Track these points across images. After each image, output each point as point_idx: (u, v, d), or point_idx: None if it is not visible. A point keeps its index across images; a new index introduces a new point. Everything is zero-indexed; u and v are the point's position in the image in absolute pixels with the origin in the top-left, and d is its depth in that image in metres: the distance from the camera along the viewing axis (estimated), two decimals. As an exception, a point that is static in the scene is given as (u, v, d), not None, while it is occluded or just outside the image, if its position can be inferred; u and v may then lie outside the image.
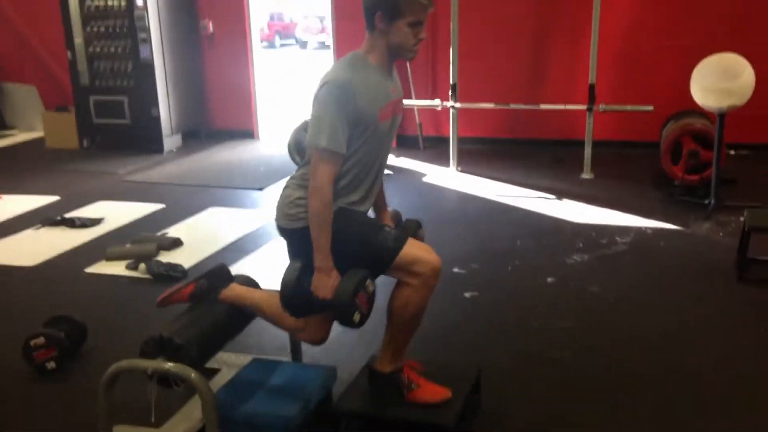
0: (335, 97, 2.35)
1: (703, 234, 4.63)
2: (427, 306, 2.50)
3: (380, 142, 2.52)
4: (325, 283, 2.40)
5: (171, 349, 2.53)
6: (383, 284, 2.50)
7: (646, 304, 3.70)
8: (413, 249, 2.44)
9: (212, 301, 2.78)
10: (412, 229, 2.82)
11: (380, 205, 2.83)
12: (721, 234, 4.59)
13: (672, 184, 5.39)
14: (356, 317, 2.38)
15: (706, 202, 4.98)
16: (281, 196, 2.58)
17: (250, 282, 2.99)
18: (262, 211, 5.41)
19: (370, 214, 2.69)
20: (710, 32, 6.29)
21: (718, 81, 4.80)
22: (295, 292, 2.44)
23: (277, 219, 2.59)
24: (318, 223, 2.39)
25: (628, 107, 6.14)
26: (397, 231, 2.51)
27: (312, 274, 2.43)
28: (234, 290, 2.79)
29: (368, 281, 2.41)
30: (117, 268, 4.29)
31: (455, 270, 4.10)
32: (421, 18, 2.42)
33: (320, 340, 2.69)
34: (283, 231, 2.58)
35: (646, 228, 4.75)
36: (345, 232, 2.44)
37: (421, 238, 2.81)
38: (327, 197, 2.38)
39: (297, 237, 2.50)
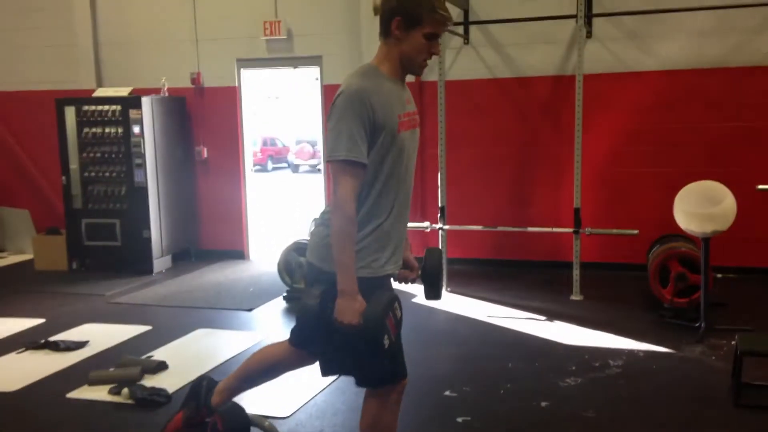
0: (350, 105, 2.29)
1: (696, 357, 4.59)
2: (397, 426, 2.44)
3: (403, 158, 2.42)
4: (351, 307, 2.24)
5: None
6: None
7: (642, 430, 3.61)
8: None
9: (210, 414, 2.68)
10: (435, 258, 2.71)
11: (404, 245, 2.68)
12: (713, 358, 4.56)
13: (662, 307, 5.40)
14: (386, 341, 2.20)
15: (697, 325, 4.98)
16: (315, 233, 2.47)
17: (235, 409, 2.90)
18: (250, 332, 5.34)
19: None
20: (691, 160, 6.52)
21: (700, 207, 4.92)
22: (317, 320, 2.29)
23: (312, 257, 2.46)
24: (341, 240, 2.27)
25: (614, 231, 6.26)
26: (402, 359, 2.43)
27: (334, 301, 2.28)
28: (220, 387, 2.71)
29: (396, 304, 2.27)
30: (100, 393, 4.17)
31: (447, 393, 4.02)
32: (438, 31, 2.41)
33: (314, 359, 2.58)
34: (316, 270, 2.43)
35: (638, 351, 4.71)
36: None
37: (440, 271, 2.71)
38: (350, 211, 2.28)
39: (332, 278, 2.33)
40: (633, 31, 6.64)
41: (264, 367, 2.69)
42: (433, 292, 2.70)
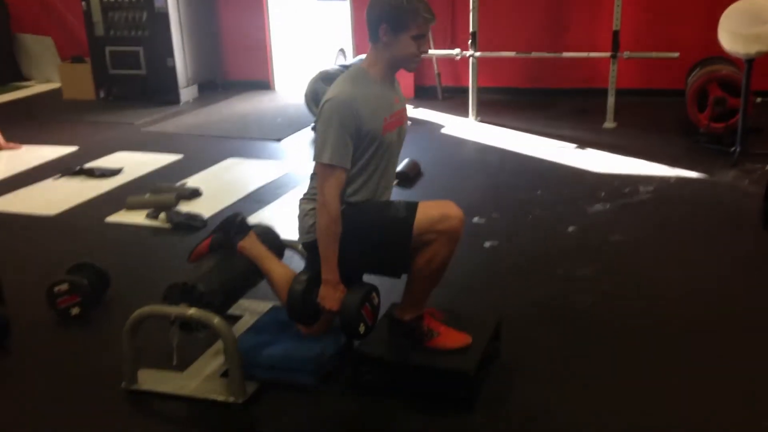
0: (337, 113, 2.38)
1: (728, 182, 4.55)
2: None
3: (388, 155, 2.55)
4: (332, 295, 2.46)
5: (194, 296, 2.55)
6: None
7: (669, 252, 3.66)
8: (432, 209, 2.44)
9: (231, 251, 2.79)
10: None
11: None
12: (746, 182, 4.51)
13: (697, 132, 5.29)
14: (361, 329, 2.45)
15: (732, 150, 4.88)
16: (299, 211, 2.63)
17: (269, 232, 2.99)
18: (280, 162, 5.39)
19: None
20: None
21: (747, 26, 4.66)
22: (303, 303, 2.50)
23: (299, 237, 2.64)
24: (326, 238, 2.43)
25: (653, 54, 5.99)
26: (405, 201, 2.51)
27: (319, 285, 2.48)
28: (254, 247, 2.81)
29: (373, 294, 2.50)
30: (137, 218, 4.30)
31: (475, 220, 4.07)
32: (424, 31, 2.45)
33: (320, 332, 2.70)
34: (303, 245, 2.66)
35: (669, 177, 4.68)
36: (358, 227, 2.47)
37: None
38: (334, 212, 2.42)
39: (312, 249, 2.53)
40: None
41: (275, 285, 2.75)
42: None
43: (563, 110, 6.54)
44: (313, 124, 6.07)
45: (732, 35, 4.70)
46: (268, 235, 2.94)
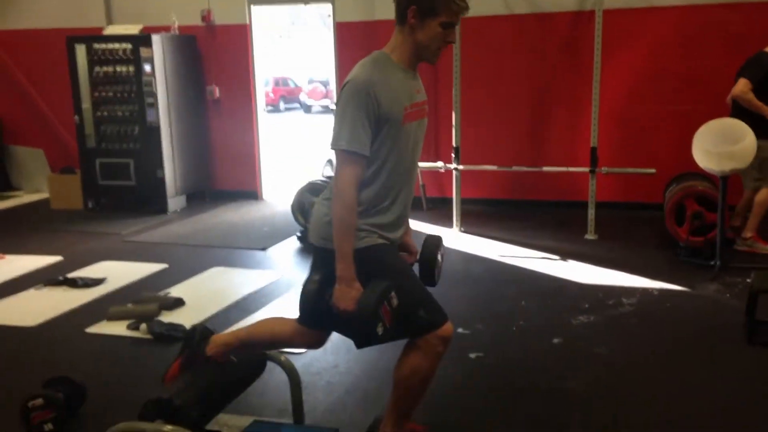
0: (355, 96, 2.29)
1: (710, 295, 4.59)
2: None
3: (408, 148, 2.43)
4: (347, 294, 2.29)
5: (170, 411, 2.49)
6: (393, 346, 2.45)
7: (653, 366, 3.64)
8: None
9: (204, 363, 2.73)
10: (432, 246, 2.75)
11: (405, 228, 2.70)
12: (727, 295, 4.56)
13: (677, 246, 5.38)
14: (380, 329, 2.26)
15: (712, 263, 4.96)
16: (317, 213, 2.49)
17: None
18: (265, 271, 5.39)
19: None
20: (711, 98, 6.36)
21: (719, 145, 4.84)
22: (316, 304, 2.34)
23: (312, 237, 2.49)
24: (341, 228, 2.31)
25: (630, 170, 6.19)
26: (437, 305, 2.44)
27: (333, 286, 2.33)
28: (218, 340, 2.73)
29: (392, 293, 2.30)
30: (118, 328, 4.24)
31: (460, 330, 4.05)
32: (455, 20, 2.37)
33: (319, 344, 2.63)
34: (319, 250, 2.47)
35: (652, 289, 4.72)
36: (384, 278, 2.33)
37: (441, 256, 2.75)
38: (350, 201, 2.31)
39: (332, 258, 2.36)
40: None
41: (270, 338, 2.70)
42: (428, 279, 2.75)
43: (545, 221, 6.66)
44: (298, 234, 6.13)
45: (706, 154, 4.87)
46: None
